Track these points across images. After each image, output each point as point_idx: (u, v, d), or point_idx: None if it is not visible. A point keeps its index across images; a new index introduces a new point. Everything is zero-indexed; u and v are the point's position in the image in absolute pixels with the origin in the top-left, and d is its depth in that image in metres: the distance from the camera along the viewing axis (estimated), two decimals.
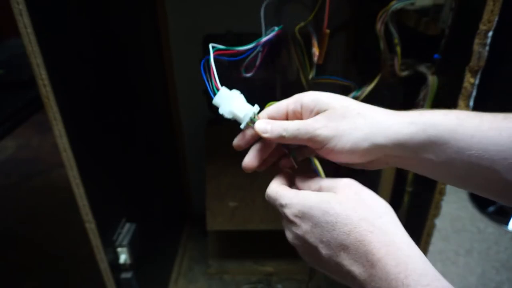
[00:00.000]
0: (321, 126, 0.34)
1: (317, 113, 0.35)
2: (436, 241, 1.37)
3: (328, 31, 0.53)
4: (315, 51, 0.55)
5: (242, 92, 0.37)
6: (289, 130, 0.35)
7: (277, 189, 0.36)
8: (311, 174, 0.37)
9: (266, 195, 0.37)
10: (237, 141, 0.39)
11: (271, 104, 0.38)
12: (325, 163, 0.36)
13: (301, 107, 0.36)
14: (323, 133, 0.34)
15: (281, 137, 0.35)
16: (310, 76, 0.57)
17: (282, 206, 0.35)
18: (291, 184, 0.38)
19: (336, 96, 0.35)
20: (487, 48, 0.45)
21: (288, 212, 0.34)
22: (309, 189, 0.36)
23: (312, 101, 0.35)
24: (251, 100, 0.37)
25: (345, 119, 0.33)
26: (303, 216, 0.33)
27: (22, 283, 1.24)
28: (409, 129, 0.32)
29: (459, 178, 0.33)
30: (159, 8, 1.02)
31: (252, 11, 1.05)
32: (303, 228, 0.33)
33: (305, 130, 0.34)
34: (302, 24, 0.55)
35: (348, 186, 0.33)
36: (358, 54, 1.07)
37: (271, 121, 0.36)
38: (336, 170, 0.41)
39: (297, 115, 0.36)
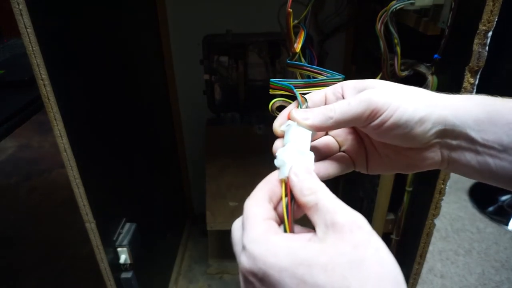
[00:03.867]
0: (377, 92, 0.27)
1: (363, 90, 0.29)
2: (436, 241, 1.37)
3: (290, 10, 0.46)
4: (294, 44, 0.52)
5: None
6: (337, 109, 0.27)
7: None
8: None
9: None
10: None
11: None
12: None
13: (342, 88, 0.30)
14: (381, 98, 0.27)
15: (328, 118, 0.27)
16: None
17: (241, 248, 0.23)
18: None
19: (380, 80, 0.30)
20: (486, 48, 0.45)
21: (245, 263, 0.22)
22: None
23: (357, 82, 0.30)
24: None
25: (402, 89, 0.28)
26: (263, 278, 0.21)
27: (22, 283, 1.24)
28: (468, 102, 0.28)
29: None
30: (159, 8, 1.02)
31: (251, 12, 1.05)
32: None
33: (358, 100, 0.27)
34: (295, 22, 0.54)
35: (350, 231, 0.21)
36: (358, 54, 1.07)
37: (310, 109, 0.29)
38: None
39: (338, 97, 0.30)
